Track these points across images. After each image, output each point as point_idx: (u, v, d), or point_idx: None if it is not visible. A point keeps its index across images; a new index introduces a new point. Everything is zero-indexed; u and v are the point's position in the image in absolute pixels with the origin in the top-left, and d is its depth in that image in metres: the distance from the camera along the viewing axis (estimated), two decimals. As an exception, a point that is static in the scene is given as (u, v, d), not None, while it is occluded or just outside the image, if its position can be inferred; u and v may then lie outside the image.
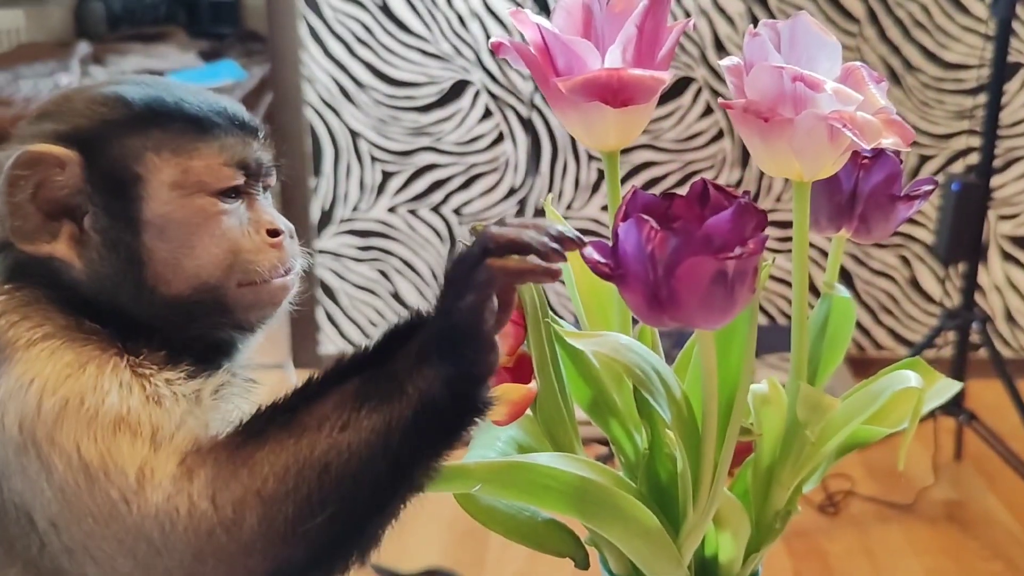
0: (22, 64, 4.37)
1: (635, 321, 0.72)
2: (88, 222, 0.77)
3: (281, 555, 0.70)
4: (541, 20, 0.75)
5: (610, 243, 0.66)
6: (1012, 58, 2.72)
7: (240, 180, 0.80)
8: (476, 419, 0.70)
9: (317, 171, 3.18)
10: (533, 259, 0.66)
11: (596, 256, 0.65)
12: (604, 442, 0.82)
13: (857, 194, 0.79)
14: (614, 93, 0.72)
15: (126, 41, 4.78)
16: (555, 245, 0.65)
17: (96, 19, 5.03)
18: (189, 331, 0.79)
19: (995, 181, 2.87)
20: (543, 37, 0.75)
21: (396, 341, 0.72)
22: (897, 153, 0.79)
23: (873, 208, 0.79)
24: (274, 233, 0.82)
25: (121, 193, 0.77)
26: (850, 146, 0.70)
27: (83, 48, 4.57)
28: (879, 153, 0.78)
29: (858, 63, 0.72)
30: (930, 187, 0.78)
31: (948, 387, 0.85)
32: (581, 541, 0.81)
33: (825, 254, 1.86)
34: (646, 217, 0.62)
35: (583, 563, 0.81)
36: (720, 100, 0.73)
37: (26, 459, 0.71)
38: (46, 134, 0.78)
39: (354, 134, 3.12)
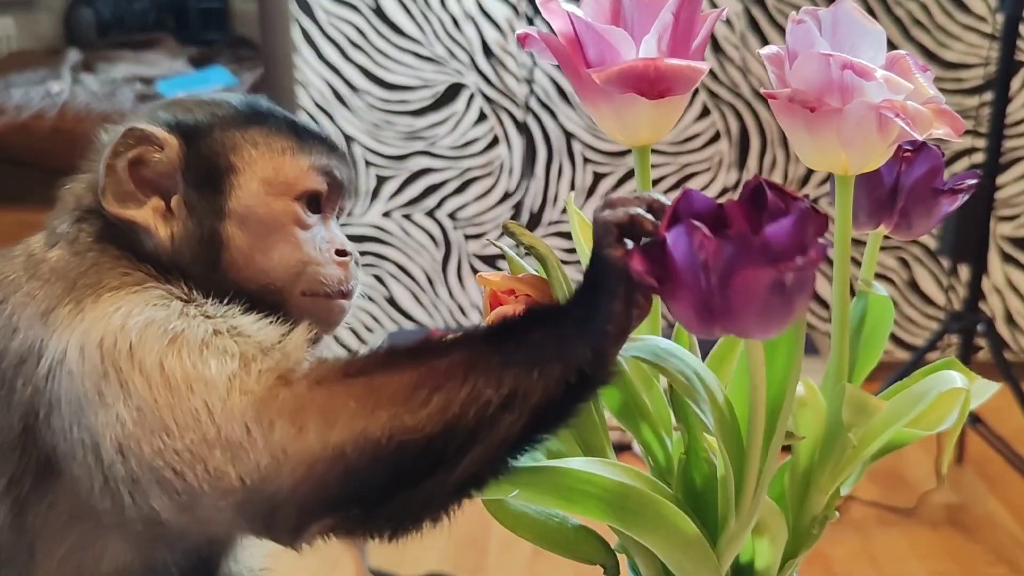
0: (13, 72, 4.34)
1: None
2: (175, 202, 0.82)
3: (364, 469, 0.65)
4: (573, 9, 0.72)
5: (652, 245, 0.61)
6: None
7: (324, 187, 0.86)
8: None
9: (311, 176, 3.14)
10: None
11: (641, 267, 0.60)
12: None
13: (899, 188, 0.76)
14: (651, 84, 0.69)
15: (116, 48, 4.76)
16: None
17: (86, 26, 5.00)
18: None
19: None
20: (574, 27, 0.72)
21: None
22: (939, 145, 0.76)
23: (915, 203, 0.76)
24: (343, 253, 0.86)
25: (215, 178, 0.83)
26: (899, 137, 0.67)
27: (73, 56, 4.55)
28: (921, 145, 0.75)
29: (903, 52, 0.70)
30: (974, 180, 0.76)
31: (985, 388, 0.84)
32: (611, 548, 0.79)
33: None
34: (697, 223, 0.57)
35: (614, 570, 0.79)
36: (762, 90, 0.70)
37: (104, 384, 0.70)
38: (155, 119, 0.84)
39: (348, 139, 3.09)
